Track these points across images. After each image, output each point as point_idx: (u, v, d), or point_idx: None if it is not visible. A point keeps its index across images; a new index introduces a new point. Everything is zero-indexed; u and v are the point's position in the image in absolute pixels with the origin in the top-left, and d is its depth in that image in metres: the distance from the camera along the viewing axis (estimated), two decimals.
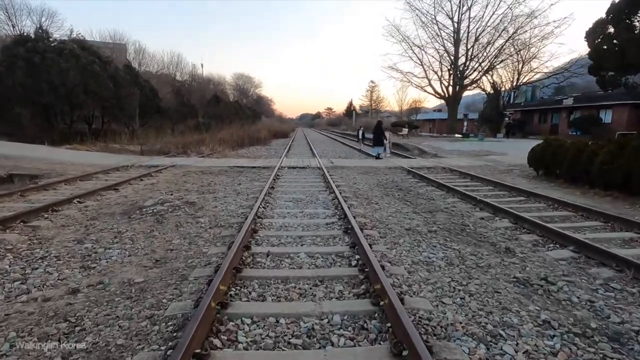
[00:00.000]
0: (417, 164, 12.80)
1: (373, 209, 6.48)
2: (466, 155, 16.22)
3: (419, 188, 8.71)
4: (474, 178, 9.94)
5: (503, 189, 8.42)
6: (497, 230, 5.29)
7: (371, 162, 13.96)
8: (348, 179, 9.86)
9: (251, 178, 9.95)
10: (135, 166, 11.67)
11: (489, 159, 14.55)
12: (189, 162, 12.77)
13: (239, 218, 5.71)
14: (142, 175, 9.63)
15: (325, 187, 8.60)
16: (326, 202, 6.90)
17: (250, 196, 7.43)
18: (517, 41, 31.93)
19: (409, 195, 7.82)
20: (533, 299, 3.22)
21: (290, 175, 10.54)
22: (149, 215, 5.85)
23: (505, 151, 17.74)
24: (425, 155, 17.26)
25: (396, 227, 5.30)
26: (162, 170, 10.76)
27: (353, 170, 11.58)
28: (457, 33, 32.33)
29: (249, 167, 11.94)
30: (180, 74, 50.75)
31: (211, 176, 10.14)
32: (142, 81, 23.49)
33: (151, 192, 7.74)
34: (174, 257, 4.15)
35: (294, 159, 14.96)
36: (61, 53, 16.52)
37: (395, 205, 6.81)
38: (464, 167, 12.07)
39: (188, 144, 17.60)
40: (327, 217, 5.84)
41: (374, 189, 8.49)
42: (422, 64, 34.61)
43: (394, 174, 10.95)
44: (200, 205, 6.54)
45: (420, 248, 4.45)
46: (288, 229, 5.20)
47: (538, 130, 32.82)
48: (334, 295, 3.23)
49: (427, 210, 6.43)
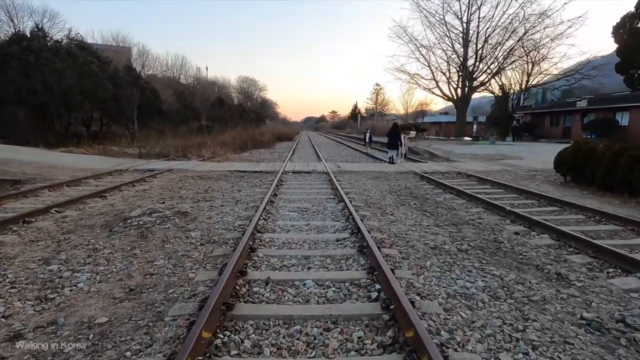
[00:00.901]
0: (429, 169, 11.99)
1: (389, 221, 5.70)
2: (480, 159, 15.38)
3: (436, 196, 7.91)
4: (494, 184, 9.12)
5: (530, 197, 7.59)
6: (539, 249, 4.47)
7: (381, 166, 13.17)
8: (357, 185, 9.08)
9: (252, 184, 9.21)
10: (130, 170, 10.98)
11: (506, 163, 13.69)
12: (188, 166, 12.06)
13: (236, 232, 4.95)
14: (135, 181, 8.92)
15: (333, 194, 7.83)
16: (335, 213, 6.13)
17: (250, 205, 6.68)
18: (528, 42, 31.01)
19: (427, 205, 7.02)
20: (619, 354, 2.42)
21: (294, 180, 9.79)
22: (134, 228, 5.11)
23: (520, 155, 16.87)
24: (436, 159, 16.43)
25: (419, 245, 4.51)
26: (157, 175, 10.05)
27: (362, 175, 10.80)
28: (466, 33, 31.53)
29: (251, 171, 11.21)
30: (184, 77, 50.42)
31: (209, 182, 9.41)
32: (143, 82, 22.91)
33: (141, 199, 7.02)
34: (153, 285, 3.39)
35: (299, 162, 14.21)
36: (57, 53, 15.95)
37: (414, 217, 6.02)
38: (481, 172, 11.24)
39: (188, 147, 16.92)
40: (338, 232, 5.06)
41: (386, 197, 7.71)
42: (429, 66, 33.85)
43: (406, 180, 10.15)
44: (193, 216, 5.80)
45: (453, 274, 3.66)
46: (292, 247, 4.43)
47: (549, 134, 31.87)
48: (352, 347, 2.45)
49: (450, 223, 5.63)
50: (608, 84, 39.28)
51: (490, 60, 31.63)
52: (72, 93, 15.45)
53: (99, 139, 18.74)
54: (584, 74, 35.67)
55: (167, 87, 36.21)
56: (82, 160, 12.87)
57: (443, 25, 32.48)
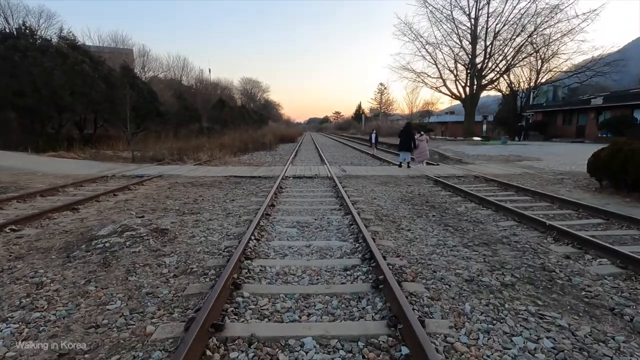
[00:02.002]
0: (443, 172, 11.01)
1: (406, 240, 4.74)
2: (495, 161, 14.35)
3: (456, 205, 6.94)
4: (520, 191, 8.12)
5: (566, 206, 6.59)
6: (603, 282, 3.50)
7: (389, 169, 12.20)
8: (365, 192, 8.14)
9: (249, 191, 8.29)
10: (117, 176, 10.11)
11: (525, 165, 12.67)
12: (181, 171, 11.17)
13: (220, 258, 4.03)
14: (119, 189, 8.04)
15: (339, 203, 6.89)
16: (341, 229, 5.18)
17: (242, 219, 5.76)
18: (540, 37, 29.83)
19: (448, 216, 6.05)
20: None
21: (295, 187, 8.86)
22: (97, 252, 4.20)
23: (537, 155, 15.81)
24: (448, 160, 15.42)
25: (450, 277, 3.54)
26: (145, 182, 9.17)
27: (369, 180, 9.85)
28: (474, 30, 30.43)
29: (248, 177, 10.29)
30: (186, 78, 49.72)
31: (201, 189, 8.50)
32: (140, 83, 22.11)
33: (118, 213, 6.11)
34: (94, 347, 2.47)
35: (301, 166, 13.28)
36: (45, 52, 15.12)
37: (435, 233, 5.06)
38: (501, 175, 10.24)
39: (185, 150, 16.06)
40: (346, 256, 4.12)
41: (399, 207, 6.75)
42: (436, 64, 32.78)
43: (419, 185, 9.18)
44: (172, 235, 4.88)
45: (504, 325, 2.69)
46: (288, 280, 3.50)
47: (562, 133, 30.70)
48: None
49: (480, 242, 4.67)
50: (621, 80, 38.01)
51: (499, 57, 30.52)
52: (61, 94, 14.63)
53: (93, 142, 17.94)
54: (596, 71, 34.46)
55: (168, 89, 35.49)
56: (68, 165, 12.02)
57: (450, 22, 31.46)
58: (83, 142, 17.59)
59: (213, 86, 56.56)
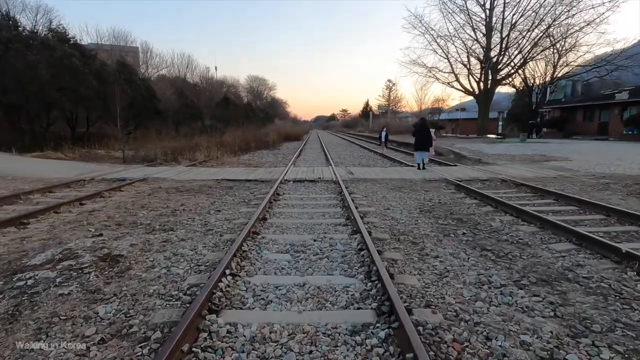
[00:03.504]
0: (463, 175, 9.71)
1: (435, 274, 3.52)
2: (519, 161, 12.98)
3: (488, 218, 5.68)
4: (561, 198, 6.81)
5: (628, 221, 5.29)
6: None
7: (401, 171, 10.94)
8: (376, 200, 6.92)
9: (240, 199, 7.13)
10: (96, 180, 9.04)
11: (554, 166, 11.30)
12: (169, 174, 10.05)
13: (175, 309, 2.85)
14: (90, 196, 6.93)
15: (345, 216, 5.69)
16: (348, 256, 3.97)
17: (224, 238, 4.59)
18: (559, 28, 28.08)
19: (481, 235, 4.81)
20: None
21: (295, 193, 7.68)
22: (12, 294, 3.06)
23: (564, 155, 14.38)
24: (465, 161, 14.08)
25: (517, 353, 2.31)
26: (124, 187, 8.06)
27: (380, 184, 8.61)
28: (490, 21, 28.82)
29: (243, 180, 9.13)
30: (191, 76, 48.78)
31: (186, 196, 7.36)
32: (138, 79, 21.12)
33: (73, 230, 4.98)
34: None
35: (303, 168, 12.09)
36: (30, 44, 14.14)
37: (472, 262, 3.82)
38: (532, 179, 8.92)
39: (180, 150, 14.97)
40: (354, 305, 2.91)
41: (419, 220, 5.52)
42: (447, 58, 31.22)
43: (438, 191, 7.93)
44: (125, 265, 3.72)
45: None
46: (265, 357, 2.29)
47: (582, 130, 29.00)
48: None
49: (538, 278, 3.42)
50: None
51: (516, 49, 28.82)
52: (46, 90, 13.66)
53: (86, 141, 16.98)
54: (617, 64, 32.53)
55: (170, 86, 34.56)
56: (48, 167, 10.99)
57: (463, 13, 29.87)
58: (75, 141, 16.62)
59: (219, 84, 55.68)
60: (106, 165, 12.29)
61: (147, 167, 11.96)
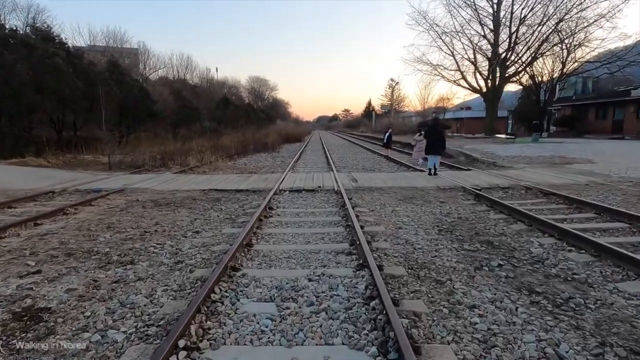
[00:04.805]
0: (480, 181, 8.65)
1: (478, 343, 2.49)
2: (539, 164, 11.89)
3: (522, 240, 4.64)
4: (604, 212, 5.75)
5: None
6: None
7: (410, 177, 9.89)
8: (385, 215, 5.89)
9: (226, 214, 6.12)
10: (69, 191, 8.06)
11: (579, 170, 10.21)
12: (152, 183, 9.06)
13: None
14: (50, 213, 5.95)
15: (348, 239, 4.66)
16: (353, 310, 2.94)
17: (193, 276, 3.58)
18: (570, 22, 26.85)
19: (523, 267, 3.78)
20: None
21: (290, 207, 6.66)
22: None
23: (585, 156, 13.26)
24: (478, 164, 13.01)
25: None
26: (96, 201, 7.07)
27: (388, 194, 7.58)
28: (497, 16, 27.64)
29: (234, 190, 8.12)
30: (191, 77, 47.91)
31: (164, 211, 6.36)
32: (130, 80, 20.18)
33: (8, 263, 3.98)
34: None
35: (302, 173, 11.06)
36: (6, 43, 13.23)
37: (524, 319, 2.79)
38: (560, 186, 7.86)
39: (171, 154, 13.98)
40: None
41: (440, 245, 4.49)
42: (453, 55, 30.02)
43: (456, 202, 6.89)
44: (46, 328, 2.71)
45: None
46: None
47: (595, 128, 27.80)
48: None
49: (626, 347, 2.39)
50: None
51: (526, 45, 27.58)
52: (24, 91, 12.73)
53: (73, 146, 16.04)
54: (629, 60, 31.23)
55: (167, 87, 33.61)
56: (20, 176, 10.02)
57: (469, 7, 28.67)
58: (62, 145, 15.68)
59: (220, 85, 54.76)
60: (88, 172, 11.33)
61: (131, 174, 10.98)
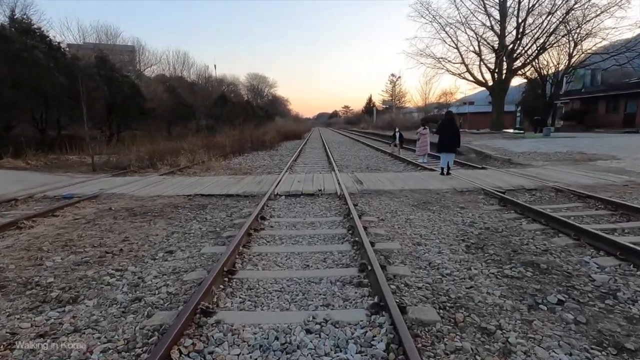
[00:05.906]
0: (500, 181, 7.69)
1: None
2: (559, 161, 10.92)
3: (575, 260, 3.70)
4: None
5: None
6: None
7: (419, 177, 8.91)
8: (398, 227, 4.93)
9: (210, 227, 5.17)
10: (36, 198, 7.11)
11: (608, 168, 9.24)
12: (133, 187, 8.09)
13: None
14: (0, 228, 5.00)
15: (357, 261, 3.71)
16: None
17: (149, 326, 2.63)
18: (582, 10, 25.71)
19: (594, 307, 2.83)
20: None
21: (286, 216, 5.71)
22: None
23: (607, 152, 12.29)
24: (491, 161, 12.04)
25: None
26: (61, 210, 6.11)
27: (399, 198, 6.61)
28: (504, 5, 26.49)
29: (223, 195, 7.17)
30: (188, 74, 46.80)
31: (138, 222, 5.41)
32: (120, 77, 19.16)
33: None
34: None
35: (301, 175, 10.08)
36: None
37: None
38: (592, 187, 6.90)
39: (160, 154, 13.01)
40: None
41: (472, 268, 3.53)
42: (457, 47, 28.90)
43: (478, 208, 5.93)
44: None
45: None
46: None
47: (606, 122, 26.77)
48: None
49: None
50: None
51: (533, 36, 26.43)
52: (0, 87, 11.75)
53: (58, 146, 15.07)
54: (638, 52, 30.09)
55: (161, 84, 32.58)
56: None
57: None
58: (46, 145, 14.72)
59: (218, 82, 53.64)
60: (67, 175, 10.37)
61: (113, 177, 10.02)
